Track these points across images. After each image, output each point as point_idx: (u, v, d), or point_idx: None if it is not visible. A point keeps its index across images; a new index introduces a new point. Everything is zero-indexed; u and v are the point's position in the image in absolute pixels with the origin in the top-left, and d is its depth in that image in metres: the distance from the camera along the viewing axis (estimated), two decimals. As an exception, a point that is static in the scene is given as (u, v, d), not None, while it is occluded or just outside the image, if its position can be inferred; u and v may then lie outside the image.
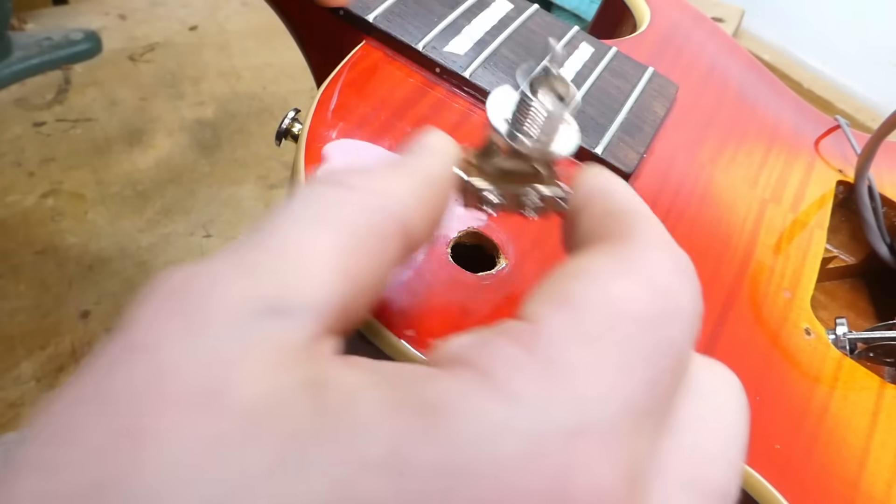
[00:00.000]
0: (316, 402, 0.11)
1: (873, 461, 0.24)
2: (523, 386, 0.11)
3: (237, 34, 1.02)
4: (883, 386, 0.26)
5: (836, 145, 0.37)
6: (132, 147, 0.84)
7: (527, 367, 0.12)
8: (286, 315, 0.13)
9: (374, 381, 0.12)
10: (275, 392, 0.11)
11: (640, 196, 0.17)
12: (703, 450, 0.14)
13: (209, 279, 0.13)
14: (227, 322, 0.12)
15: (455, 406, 0.11)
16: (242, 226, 0.77)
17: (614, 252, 0.14)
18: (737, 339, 0.25)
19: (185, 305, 0.12)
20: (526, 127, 0.17)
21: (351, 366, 0.13)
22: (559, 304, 0.13)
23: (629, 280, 0.13)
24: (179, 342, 0.12)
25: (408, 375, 0.12)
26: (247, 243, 0.14)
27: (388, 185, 0.16)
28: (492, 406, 0.11)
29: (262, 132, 0.88)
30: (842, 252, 0.36)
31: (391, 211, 0.15)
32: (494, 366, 0.12)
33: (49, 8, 1.02)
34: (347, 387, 0.12)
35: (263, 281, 0.13)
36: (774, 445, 0.23)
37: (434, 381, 0.12)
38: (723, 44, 0.39)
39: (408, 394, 0.11)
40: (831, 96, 1.03)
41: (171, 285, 0.13)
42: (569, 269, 0.14)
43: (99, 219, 0.76)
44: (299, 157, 0.24)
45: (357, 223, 0.15)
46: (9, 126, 0.84)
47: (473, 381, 0.12)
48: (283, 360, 0.12)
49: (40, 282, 0.69)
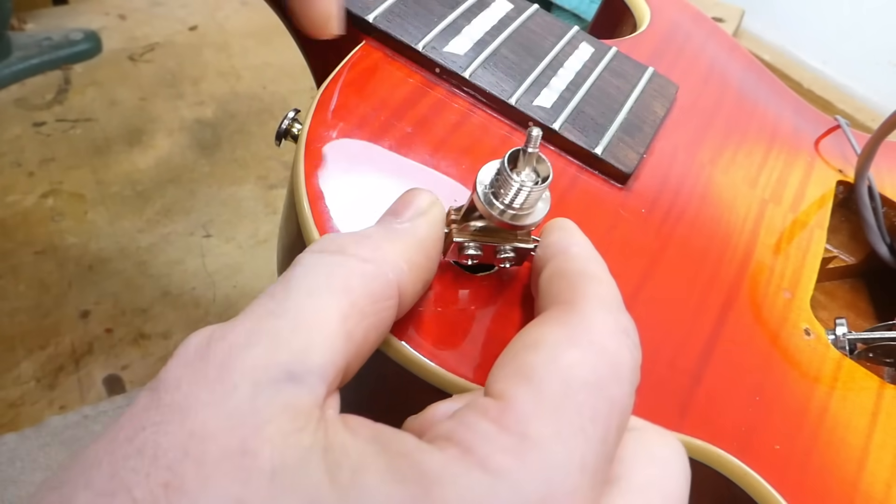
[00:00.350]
0: (330, 470, 0.13)
1: (873, 461, 0.24)
2: (499, 461, 0.13)
3: (237, 34, 1.02)
4: (882, 386, 0.26)
5: (836, 145, 0.37)
6: (132, 147, 0.84)
7: (501, 444, 0.14)
8: (300, 381, 0.14)
9: (375, 450, 0.14)
10: (293, 457, 0.13)
11: (596, 254, 0.20)
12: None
13: (232, 346, 0.15)
14: (251, 388, 0.14)
15: (447, 479, 0.13)
16: (242, 226, 0.77)
17: (563, 320, 0.17)
18: (736, 340, 0.25)
19: (212, 371, 0.14)
20: (502, 197, 0.19)
21: (352, 432, 0.14)
22: (520, 378, 0.15)
23: (576, 350, 0.16)
24: (209, 406, 0.13)
25: (402, 447, 0.14)
26: (261, 309, 0.16)
27: (384, 253, 0.18)
28: (476, 480, 0.13)
29: (262, 132, 0.88)
30: (842, 252, 0.36)
31: (387, 278, 0.17)
32: (475, 443, 0.14)
33: (49, 8, 1.02)
34: (355, 455, 0.14)
35: (280, 349, 0.15)
36: (774, 446, 0.23)
37: (426, 454, 0.14)
38: (723, 44, 0.39)
39: (405, 465, 0.13)
40: (831, 96, 1.03)
41: (199, 350, 0.15)
42: (527, 340, 0.16)
43: (99, 219, 0.76)
44: (299, 157, 0.24)
45: (357, 291, 0.16)
46: (9, 126, 0.84)
47: (458, 457, 0.14)
48: (297, 424, 0.14)
49: (40, 282, 0.69)
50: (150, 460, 0.13)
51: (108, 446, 0.13)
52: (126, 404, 0.60)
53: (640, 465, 0.16)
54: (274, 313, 0.15)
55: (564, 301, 0.17)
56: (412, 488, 0.13)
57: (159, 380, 0.14)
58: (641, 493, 0.16)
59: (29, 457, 0.56)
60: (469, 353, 0.21)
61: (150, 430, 0.13)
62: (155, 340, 0.66)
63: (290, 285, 0.16)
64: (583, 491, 0.14)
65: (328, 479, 0.13)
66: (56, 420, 0.59)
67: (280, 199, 0.80)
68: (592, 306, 0.17)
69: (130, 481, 0.13)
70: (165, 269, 0.72)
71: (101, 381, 0.63)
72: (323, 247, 0.17)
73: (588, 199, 0.27)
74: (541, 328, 0.17)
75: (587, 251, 0.20)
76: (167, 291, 0.70)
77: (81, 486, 0.13)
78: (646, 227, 0.27)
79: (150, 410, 0.14)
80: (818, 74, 1.07)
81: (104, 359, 0.64)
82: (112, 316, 0.68)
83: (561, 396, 0.15)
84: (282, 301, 0.16)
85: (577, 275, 0.18)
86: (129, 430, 0.13)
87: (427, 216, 0.20)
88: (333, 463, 0.13)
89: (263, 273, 0.73)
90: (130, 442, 0.13)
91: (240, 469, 0.13)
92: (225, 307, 0.70)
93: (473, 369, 0.21)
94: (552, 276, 0.19)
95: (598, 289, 0.18)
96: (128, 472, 0.13)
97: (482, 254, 0.21)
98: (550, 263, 0.19)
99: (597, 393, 0.15)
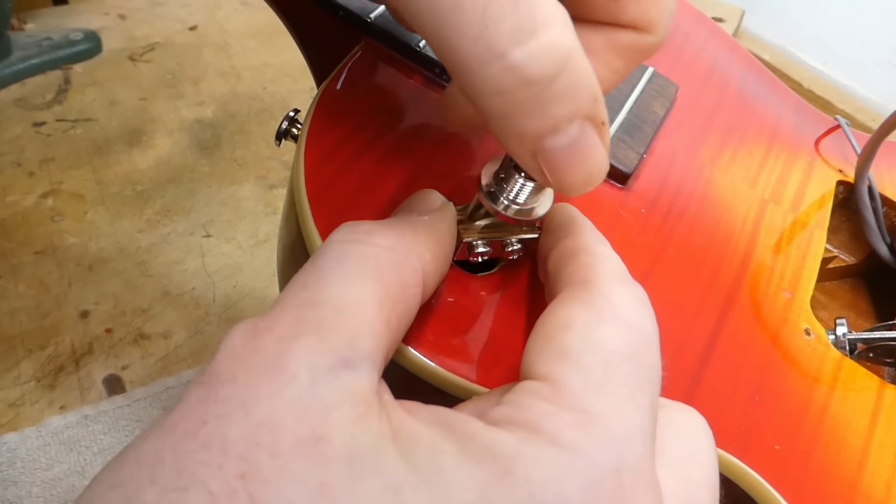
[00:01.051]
0: (405, 455, 0.13)
1: (873, 461, 0.24)
2: (569, 436, 0.14)
3: (237, 34, 1.02)
4: (883, 386, 0.26)
5: (837, 145, 0.36)
6: (132, 147, 0.84)
7: (565, 420, 0.14)
8: (355, 367, 0.14)
9: (442, 432, 0.14)
10: (365, 443, 0.13)
11: (600, 235, 0.20)
12: (691, 483, 0.16)
13: (282, 337, 0.14)
14: (310, 377, 0.14)
15: (524, 457, 0.13)
16: (242, 226, 0.77)
17: (585, 299, 0.17)
18: (736, 340, 0.25)
19: (268, 363, 0.14)
20: (506, 193, 0.20)
21: (414, 415, 0.14)
22: (562, 359, 0.15)
23: (607, 326, 0.16)
24: (271, 397, 0.13)
25: (468, 428, 0.14)
26: (298, 299, 0.16)
27: (408, 241, 0.18)
28: (553, 455, 0.13)
29: (262, 132, 0.88)
30: (842, 252, 0.36)
31: (413, 265, 0.17)
32: (539, 422, 0.14)
33: (49, 8, 1.02)
34: (424, 439, 0.14)
35: (329, 337, 0.15)
36: (774, 446, 0.23)
37: (496, 434, 0.14)
38: (723, 43, 0.39)
39: (478, 446, 0.13)
40: (831, 96, 1.03)
41: (247, 342, 0.14)
42: (556, 322, 0.17)
43: (99, 219, 0.76)
44: (299, 157, 0.24)
45: (389, 277, 0.17)
46: (9, 126, 0.84)
47: (527, 437, 0.14)
48: (360, 410, 0.14)
49: (40, 282, 0.69)
50: (219, 453, 0.13)
51: (166, 442, 0.13)
52: (126, 404, 0.60)
53: (673, 439, 0.17)
54: (313, 302, 0.15)
55: (579, 281, 0.18)
56: (491, 467, 0.13)
57: (210, 374, 0.14)
58: (680, 467, 0.16)
59: (29, 457, 0.56)
60: (469, 353, 0.21)
61: (213, 424, 0.13)
62: (155, 340, 0.66)
63: (322, 274, 0.16)
64: (647, 457, 0.14)
65: (406, 464, 0.13)
66: (56, 420, 0.59)
67: (280, 199, 0.80)
68: (608, 283, 0.17)
69: (202, 474, 0.12)
70: (165, 269, 0.72)
71: (101, 381, 0.63)
72: (347, 235, 0.17)
73: (587, 199, 0.27)
74: (565, 310, 0.17)
75: (592, 232, 0.20)
76: (167, 291, 0.70)
77: (147, 483, 0.12)
78: (645, 227, 0.27)
79: (207, 404, 0.13)
80: (818, 74, 1.07)
81: (104, 359, 0.64)
82: (112, 316, 0.68)
83: (605, 371, 0.15)
84: (318, 290, 0.16)
85: (586, 255, 0.19)
86: (187, 425, 0.13)
87: (442, 212, 0.20)
88: (406, 448, 0.13)
89: (263, 273, 0.73)
90: (193, 436, 0.13)
91: (316, 455, 0.13)
92: (225, 307, 0.70)
93: (474, 369, 0.21)
94: (561, 259, 0.19)
95: (609, 266, 0.18)
96: (198, 466, 0.12)
97: (491, 249, 0.21)
98: (557, 247, 0.20)
99: (635, 363, 0.15)
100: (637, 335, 0.16)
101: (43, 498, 0.54)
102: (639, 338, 0.16)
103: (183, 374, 0.63)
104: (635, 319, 0.17)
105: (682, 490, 0.16)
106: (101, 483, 0.13)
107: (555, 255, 0.20)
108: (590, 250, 0.19)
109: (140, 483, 0.13)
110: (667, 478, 0.16)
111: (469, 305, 0.22)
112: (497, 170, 0.20)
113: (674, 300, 0.25)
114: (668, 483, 0.16)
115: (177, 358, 0.65)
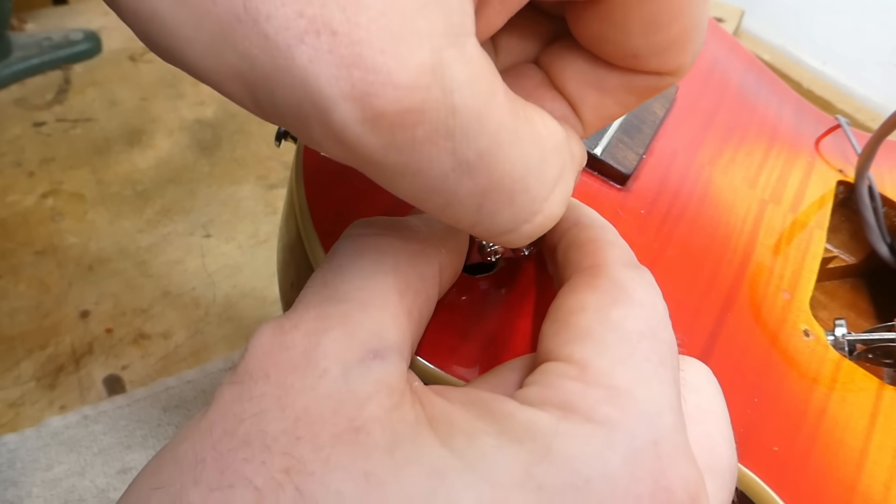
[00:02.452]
0: (444, 440, 0.13)
1: (871, 463, 0.24)
2: (604, 412, 0.14)
3: (237, 34, 1.02)
4: (882, 387, 0.26)
5: (837, 145, 0.36)
6: (132, 147, 0.84)
7: (597, 397, 0.14)
8: (384, 357, 0.14)
9: (476, 414, 0.14)
10: (404, 431, 0.13)
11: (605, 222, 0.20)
12: (709, 437, 0.17)
13: (309, 333, 0.14)
14: (341, 370, 0.14)
15: (562, 434, 0.13)
16: (242, 226, 0.77)
17: (596, 284, 0.17)
18: (735, 341, 0.25)
19: (298, 359, 0.14)
20: None
21: (447, 399, 0.14)
22: (583, 340, 0.15)
23: (621, 307, 0.16)
24: (305, 392, 0.13)
25: (503, 408, 0.14)
26: (319, 296, 0.16)
27: (424, 235, 0.18)
28: (591, 432, 0.13)
29: (262, 132, 0.88)
30: (842, 252, 0.36)
31: (430, 258, 0.18)
32: (572, 400, 0.14)
33: (49, 8, 1.02)
34: (461, 421, 0.14)
35: (357, 330, 0.15)
36: (772, 447, 0.23)
37: (531, 413, 0.14)
38: (723, 43, 0.39)
39: (515, 425, 0.13)
40: (831, 96, 1.03)
41: (275, 340, 0.14)
42: (571, 307, 0.17)
43: (99, 219, 0.76)
44: (298, 158, 0.24)
45: (407, 270, 0.17)
46: (9, 126, 0.84)
47: (562, 415, 0.14)
48: (394, 399, 0.14)
49: (40, 282, 0.69)
50: (261, 449, 0.13)
51: (205, 442, 0.13)
52: (126, 404, 0.60)
53: (683, 396, 0.17)
54: (336, 297, 0.15)
55: (588, 266, 0.18)
56: (532, 446, 0.13)
57: (242, 373, 0.14)
58: (697, 423, 0.16)
59: (29, 457, 0.56)
60: (467, 353, 0.21)
61: (251, 421, 0.13)
62: (155, 340, 0.66)
63: (342, 269, 0.16)
64: (679, 427, 0.14)
65: (447, 449, 0.13)
66: (56, 420, 0.59)
67: (280, 199, 0.80)
68: (617, 267, 0.17)
69: (247, 471, 0.12)
70: (165, 269, 0.72)
71: (101, 381, 0.63)
72: (363, 230, 0.17)
73: (587, 200, 0.27)
74: (577, 295, 0.17)
75: (597, 220, 0.20)
76: (167, 291, 0.70)
77: (191, 484, 0.13)
78: (645, 228, 0.27)
79: (242, 403, 0.14)
80: (818, 74, 1.07)
81: (104, 359, 0.64)
82: (112, 316, 0.68)
83: (627, 349, 0.15)
84: (339, 284, 0.16)
85: (594, 242, 0.19)
86: (225, 424, 0.13)
87: None
88: (444, 432, 0.13)
89: (263, 273, 0.73)
90: (233, 435, 0.13)
91: (357, 445, 0.13)
92: (225, 307, 0.70)
93: (471, 370, 0.21)
94: (569, 248, 0.19)
95: (616, 252, 0.18)
96: (241, 464, 0.13)
97: (502, 247, 0.21)
98: (565, 237, 0.20)
99: (653, 339, 0.16)
100: (651, 313, 0.16)
101: (43, 498, 0.54)
102: (653, 316, 0.16)
103: (183, 374, 0.63)
104: (647, 299, 0.17)
105: (703, 448, 0.16)
106: (143, 486, 0.13)
107: (563, 245, 0.20)
108: (597, 237, 0.19)
109: (183, 484, 0.13)
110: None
111: (468, 307, 0.22)
112: None
113: (673, 301, 0.25)
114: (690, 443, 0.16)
115: (177, 358, 0.65)
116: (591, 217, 0.21)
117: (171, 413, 0.60)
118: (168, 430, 0.59)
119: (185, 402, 0.61)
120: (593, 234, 0.19)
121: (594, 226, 0.20)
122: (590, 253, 0.18)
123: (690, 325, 0.25)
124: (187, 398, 0.62)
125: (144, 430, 0.59)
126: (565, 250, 0.20)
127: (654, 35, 0.15)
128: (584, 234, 0.19)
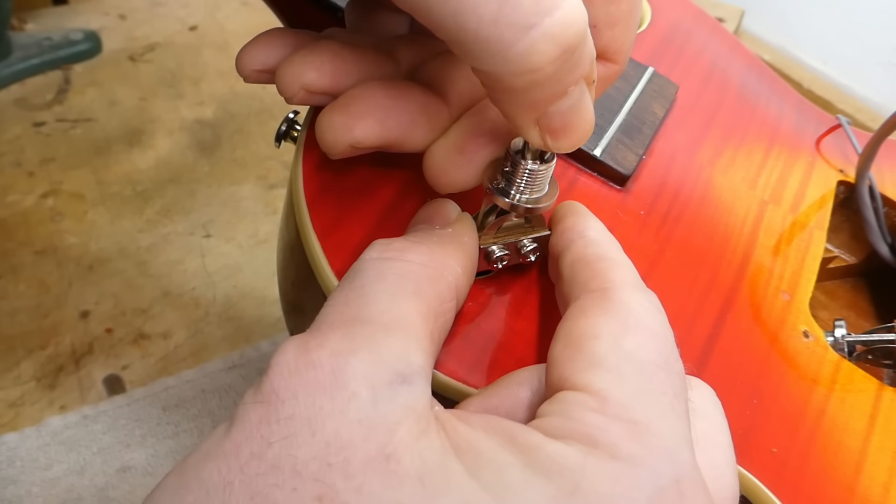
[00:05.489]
0: (472, 471, 0.13)
1: (870, 464, 0.24)
2: (627, 448, 0.14)
3: (237, 34, 1.02)
4: (881, 389, 0.26)
5: (837, 145, 0.36)
6: (132, 147, 0.84)
7: (618, 432, 0.14)
8: (411, 381, 0.14)
9: (501, 444, 0.14)
10: (432, 460, 0.13)
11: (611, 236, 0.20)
12: (715, 467, 0.17)
13: (336, 353, 0.14)
14: (370, 394, 0.14)
15: (589, 471, 0.13)
16: (242, 226, 0.77)
17: (606, 308, 0.17)
18: (735, 342, 0.25)
19: (326, 379, 0.14)
20: (515, 186, 0.20)
21: (470, 426, 0.14)
22: (598, 368, 0.15)
23: (634, 335, 0.16)
24: (335, 415, 0.13)
25: (529, 439, 0.14)
26: (342, 316, 0.15)
27: (440, 257, 0.18)
28: (617, 469, 0.13)
29: (262, 132, 0.88)
30: (843, 252, 0.36)
31: (447, 280, 0.18)
32: (595, 435, 0.14)
33: (49, 8, 1.02)
34: (487, 453, 0.14)
35: (383, 353, 0.14)
36: (771, 448, 0.23)
37: (558, 447, 0.14)
38: (724, 42, 0.39)
39: (542, 459, 0.13)
40: (831, 96, 1.03)
41: (300, 359, 0.14)
42: (581, 333, 0.16)
43: (99, 219, 0.76)
44: (298, 158, 0.24)
45: (427, 293, 0.17)
46: (9, 126, 0.84)
47: (587, 450, 0.14)
48: (421, 425, 0.14)
49: (40, 282, 0.69)
50: (291, 475, 0.12)
51: (231, 465, 0.13)
52: (126, 404, 0.60)
53: (692, 421, 0.17)
54: (360, 319, 0.15)
55: (596, 289, 0.18)
56: (559, 481, 0.13)
57: (267, 392, 0.14)
58: (703, 450, 0.16)
59: (29, 457, 0.56)
60: (467, 356, 0.21)
61: (279, 445, 0.13)
62: (155, 340, 0.66)
63: (364, 291, 0.16)
64: (695, 462, 0.15)
65: (475, 481, 0.13)
66: (56, 420, 0.59)
67: (280, 199, 0.80)
68: (626, 292, 0.17)
69: (277, 498, 0.12)
70: (165, 269, 0.72)
71: (101, 381, 0.63)
72: (381, 253, 0.18)
73: (586, 201, 0.27)
74: (588, 319, 0.17)
75: (603, 234, 0.20)
76: (167, 291, 0.70)
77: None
78: (644, 229, 0.27)
79: (270, 425, 0.13)
80: (818, 74, 1.07)
81: (104, 359, 0.64)
82: (112, 316, 0.68)
83: (643, 380, 0.15)
84: (362, 306, 0.16)
85: (601, 260, 0.19)
86: (252, 447, 0.13)
87: (462, 223, 0.20)
88: (471, 464, 0.13)
89: (263, 273, 0.73)
90: (261, 458, 0.13)
91: (389, 474, 0.13)
92: (225, 307, 0.70)
93: (472, 372, 0.21)
94: (575, 263, 0.19)
95: (623, 273, 0.18)
96: (270, 489, 0.12)
97: (509, 253, 0.22)
98: (570, 249, 0.20)
99: (667, 370, 0.16)
100: (664, 343, 0.16)
101: (42, 497, 0.54)
102: (665, 346, 0.16)
103: (183, 374, 0.63)
104: (657, 327, 0.17)
105: (710, 477, 0.16)
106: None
107: (569, 258, 0.20)
108: (604, 255, 0.19)
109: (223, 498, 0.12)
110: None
111: (469, 310, 0.22)
112: (501, 165, 0.20)
113: (672, 302, 0.25)
114: None
115: (177, 358, 0.65)
116: (598, 230, 0.21)
117: (171, 412, 0.60)
118: (167, 429, 0.59)
119: (185, 402, 0.61)
120: (600, 250, 0.19)
121: (600, 241, 0.20)
122: (598, 273, 0.18)
123: (690, 326, 0.25)
124: (187, 398, 0.62)
125: (144, 429, 0.59)
126: (571, 265, 0.19)
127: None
128: (591, 251, 0.19)
